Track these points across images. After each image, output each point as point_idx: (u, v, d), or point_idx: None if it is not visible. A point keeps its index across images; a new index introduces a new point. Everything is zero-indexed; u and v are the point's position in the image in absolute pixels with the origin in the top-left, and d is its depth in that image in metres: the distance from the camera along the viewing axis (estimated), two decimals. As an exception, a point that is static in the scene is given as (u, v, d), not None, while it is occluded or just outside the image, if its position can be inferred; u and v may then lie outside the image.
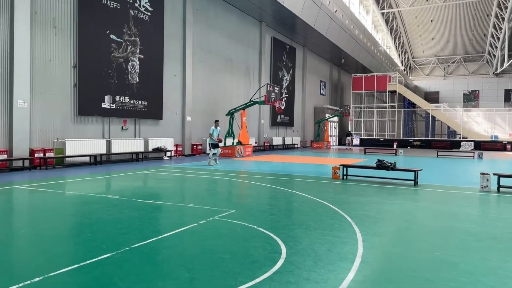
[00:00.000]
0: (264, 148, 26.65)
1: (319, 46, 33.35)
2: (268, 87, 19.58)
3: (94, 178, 10.37)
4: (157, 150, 16.86)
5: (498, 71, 55.57)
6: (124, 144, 15.55)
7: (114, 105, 15.17)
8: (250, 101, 20.36)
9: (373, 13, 50.61)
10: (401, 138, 37.49)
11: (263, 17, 25.28)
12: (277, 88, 20.49)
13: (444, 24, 59.20)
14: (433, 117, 38.00)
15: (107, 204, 6.77)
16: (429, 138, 36.95)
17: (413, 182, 9.96)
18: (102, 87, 14.67)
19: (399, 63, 61.92)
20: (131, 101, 15.98)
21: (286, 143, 29.74)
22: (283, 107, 28.11)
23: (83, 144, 13.84)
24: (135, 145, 16.05)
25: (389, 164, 10.00)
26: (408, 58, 68.61)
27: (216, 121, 15.35)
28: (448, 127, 38.73)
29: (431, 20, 58.87)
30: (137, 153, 15.97)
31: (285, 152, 25.30)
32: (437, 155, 23.06)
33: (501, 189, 8.96)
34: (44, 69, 12.83)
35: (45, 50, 12.86)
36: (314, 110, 36.58)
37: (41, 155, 12.47)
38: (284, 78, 29.52)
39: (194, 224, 5.28)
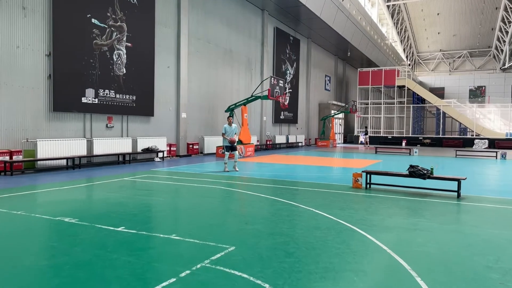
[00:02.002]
0: (267, 147, 24.75)
1: (324, 38, 31.37)
2: (272, 80, 17.65)
3: (63, 188, 8.47)
4: (148, 150, 14.96)
5: (505, 66, 53.62)
6: (109, 145, 13.64)
7: (96, 99, 13.25)
8: (251, 95, 18.44)
9: (378, 6, 48.62)
10: (410, 135, 35.56)
11: (265, 5, 23.29)
12: (281, 81, 18.57)
13: (451, 18, 57.25)
14: (444, 114, 36.04)
15: (56, 234, 4.89)
16: (440, 136, 35.03)
17: (453, 193, 8.08)
18: (82, 78, 12.75)
19: (404, 58, 59.94)
20: (117, 95, 14.06)
21: (289, 141, 27.83)
22: (287, 102, 26.20)
23: (59, 145, 11.93)
24: (121, 146, 14.14)
25: (425, 172, 8.09)
26: (412, 53, 66.61)
27: (229, 118, 12.75)
28: (460, 124, 36.78)
29: (438, 14, 56.94)
30: (123, 155, 14.06)
31: (289, 151, 23.39)
32: (456, 154, 21.16)
33: None
34: (10, 57, 10.90)
35: (12, 35, 10.92)
36: (318, 106, 34.64)
37: (7, 158, 10.56)
38: (288, 71, 27.57)
39: (170, 281, 3.38)
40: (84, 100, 12.82)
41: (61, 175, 10.72)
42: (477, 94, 56.56)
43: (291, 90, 27.91)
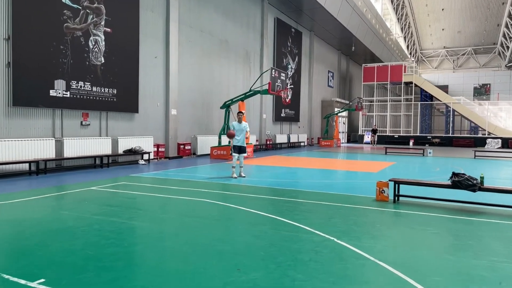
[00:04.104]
0: (267, 147, 22.84)
1: (327, 31, 29.44)
2: (273, 73, 15.73)
3: (5, 202, 6.56)
4: (131, 152, 13.04)
5: (511, 64, 51.82)
6: (84, 145, 11.72)
7: (68, 93, 11.33)
8: (250, 90, 16.52)
9: (382, 0, 46.74)
10: (417, 134, 33.70)
11: (265, -7, 21.41)
12: (283, 74, 16.65)
13: (456, 13, 55.48)
14: (453, 112, 34.13)
15: None
16: (450, 135, 33.14)
17: (509, 209, 6.21)
18: (50, 68, 10.82)
19: (407, 55, 58.11)
20: (94, 88, 12.14)
21: (291, 141, 25.91)
22: (289, 98, 24.30)
23: (20, 146, 10.01)
24: (99, 146, 12.22)
25: (474, 182, 6.20)
26: (416, 50, 64.74)
27: (239, 113, 10.79)
28: (470, 123, 34.89)
29: (442, 9, 55.19)
30: (101, 157, 12.13)
31: (291, 151, 21.49)
32: (474, 155, 19.26)
33: None
34: (-44, 40, 8.99)
35: (-42, 13, 9.01)
36: (321, 104, 32.73)
37: (-50, 162, 8.66)
38: (289, 66, 25.64)
39: None
40: (52, 93, 10.89)
41: (18, 183, 8.81)
42: (481, 92, 54.70)
43: (292, 86, 25.99)
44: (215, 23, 18.06)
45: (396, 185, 7.05)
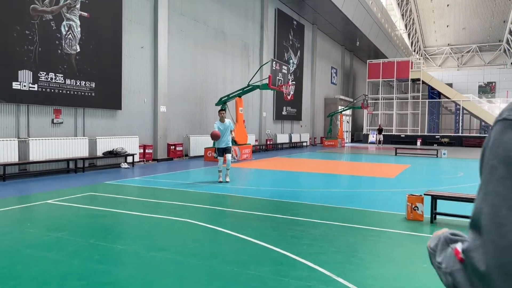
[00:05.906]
0: (267, 147, 21.24)
1: (331, 25, 27.81)
2: (273, 65, 14.13)
3: None
4: (111, 154, 11.44)
5: (517, 61, 50.31)
6: (55, 147, 10.12)
7: (36, 86, 9.73)
8: (248, 85, 14.92)
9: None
10: (425, 134, 32.09)
11: (265, -19, 19.79)
12: (284, 67, 15.05)
13: (461, 9, 53.91)
14: (462, 110, 32.57)
15: None
16: (459, 134, 31.54)
17: None
18: (12, 56, 9.23)
19: (412, 52, 56.49)
20: (68, 81, 10.53)
21: (293, 141, 24.30)
22: (291, 94, 22.69)
23: (-28, 148, 8.44)
24: (73, 148, 10.62)
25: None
26: (420, 47, 63.12)
27: (221, 111, 9.38)
28: (481, 122, 33.30)
29: (448, 5, 53.57)
30: (75, 160, 10.51)
31: (293, 152, 19.88)
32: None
33: None
34: None
35: None
36: (324, 101, 31.12)
37: None
38: (291, 61, 24.02)
39: None
40: (16, 85, 9.30)
41: (-37, 193, 7.22)
42: (486, 91, 53.07)
43: (294, 82, 24.37)
44: (210, 12, 16.46)
45: (434, 200, 5.45)
